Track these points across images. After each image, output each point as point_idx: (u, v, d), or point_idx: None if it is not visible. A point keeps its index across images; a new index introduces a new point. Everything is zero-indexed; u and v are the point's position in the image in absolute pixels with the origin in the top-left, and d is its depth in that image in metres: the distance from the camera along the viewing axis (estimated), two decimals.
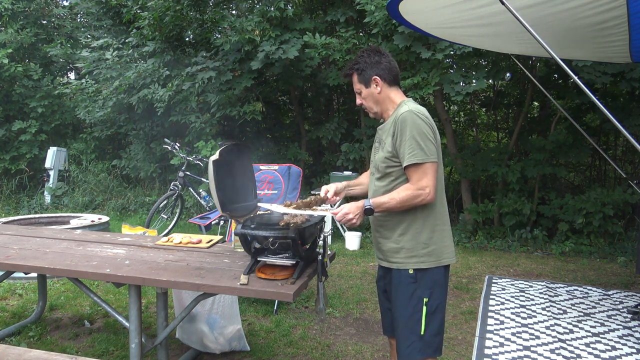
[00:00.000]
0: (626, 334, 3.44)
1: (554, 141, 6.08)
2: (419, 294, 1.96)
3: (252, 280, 2.12)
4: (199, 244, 2.76)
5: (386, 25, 5.62)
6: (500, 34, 3.69)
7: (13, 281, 4.30)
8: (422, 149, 1.89)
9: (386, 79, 2.03)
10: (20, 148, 8.67)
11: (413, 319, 1.96)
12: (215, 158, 2.07)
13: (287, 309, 3.80)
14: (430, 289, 1.97)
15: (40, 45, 9.09)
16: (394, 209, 1.95)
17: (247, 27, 6.20)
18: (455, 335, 3.44)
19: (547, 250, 5.84)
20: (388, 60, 2.05)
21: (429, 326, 1.96)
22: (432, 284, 1.97)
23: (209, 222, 4.66)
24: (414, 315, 1.96)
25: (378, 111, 2.09)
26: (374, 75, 2.03)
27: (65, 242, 2.86)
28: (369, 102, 2.08)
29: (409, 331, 1.96)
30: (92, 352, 3.07)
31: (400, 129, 1.92)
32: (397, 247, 2.01)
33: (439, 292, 2.00)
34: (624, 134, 2.64)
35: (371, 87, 2.04)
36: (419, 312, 1.95)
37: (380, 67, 2.03)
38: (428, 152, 1.90)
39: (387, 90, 2.05)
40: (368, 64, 2.04)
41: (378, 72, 2.03)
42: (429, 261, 1.97)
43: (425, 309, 1.95)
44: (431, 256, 1.97)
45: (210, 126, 6.98)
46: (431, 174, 1.91)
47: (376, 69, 2.03)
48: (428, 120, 1.95)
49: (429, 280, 1.97)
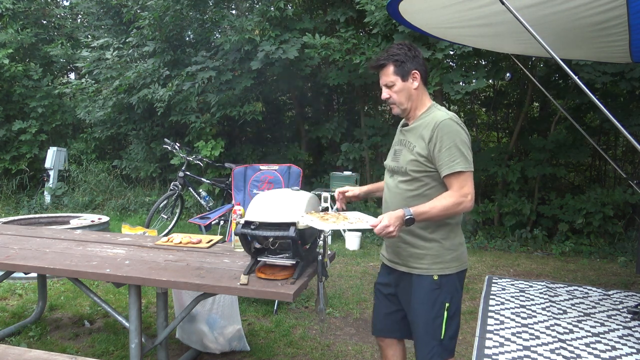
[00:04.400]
0: (626, 334, 3.44)
1: (554, 141, 6.08)
2: (442, 300, 1.94)
3: (252, 280, 2.12)
4: (199, 244, 2.76)
5: (386, 25, 5.62)
6: (500, 34, 3.68)
7: (13, 281, 4.30)
8: (464, 158, 1.88)
9: (423, 76, 2.01)
10: (20, 148, 8.67)
11: (435, 324, 1.94)
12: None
13: (287, 309, 3.80)
14: (452, 294, 1.96)
15: (40, 45, 9.09)
16: (435, 217, 1.89)
17: (247, 27, 6.20)
18: None
19: (547, 250, 5.84)
20: (423, 59, 2.03)
21: (448, 330, 1.96)
22: (453, 289, 1.97)
23: (209, 222, 4.65)
24: (436, 321, 1.94)
25: (408, 107, 2.01)
26: (414, 69, 1.97)
27: (65, 242, 2.86)
28: (402, 96, 1.99)
29: (431, 336, 1.95)
30: (92, 352, 3.07)
31: (441, 136, 1.88)
32: (421, 252, 1.97)
33: (458, 296, 2.00)
34: (624, 134, 2.64)
35: (408, 81, 1.97)
36: (440, 317, 1.94)
37: (420, 62, 1.99)
38: (469, 161, 1.90)
39: (422, 88, 2.01)
40: (408, 57, 1.97)
41: (418, 66, 1.97)
42: (453, 267, 1.96)
43: (447, 314, 1.94)
44: (455, 262, 1.97)
45: (210, 126, 6.98)
46: (471, 182, 1.90)
47: (416, 64, 1.97)
48: (466, 129, 1.95)
49: (451, 285, 1.96)
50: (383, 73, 1.99)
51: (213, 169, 6.94)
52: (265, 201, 2.15)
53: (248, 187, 4.36)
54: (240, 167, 4.44)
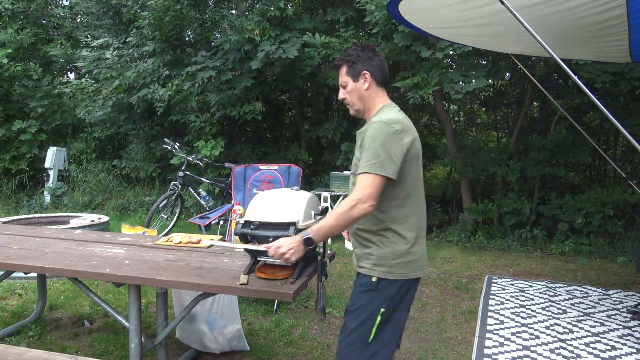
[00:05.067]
0: (626, 334, 3.44)
1: (554, 141, 6.08)
2: (377, 303, 1.88)
3: (252, 280, 2.12)
4: (199, 244, 2.76)
5: (386, 25, 5.62)
6: (500, 34, 3.69)
7: (13, 281, 4.30)
8: (379, 161, 1.79)
9: (376, 77, 1.99)
10: (20, 148, 8.67)
11: (364, 326, 1.88)
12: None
13: (287, 309, 3.80)
14: (391, 302, 1.89)
15: (40, 45, 9.09)
16: (335, 227, 1.82)
17: (247, 27, 6.20)
18: (455, 335, 3.45)
19: (547, 250, 5.84)
20: (380, 60, 2.01)
21: (378, 337, 1.88)
22: (395, 297, 1.89)
23: (209, 222, 4.65)
24: (367, 323, 1.88)
25: (361, 109, 2.02)
26: (365, 69, 1.97)
27: (65, 242, 2.86)
28: (354, 97, 2.00)
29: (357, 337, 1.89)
30: (92, 352, 3.07)
31: (365, 139, 1.86)
32: (367, 253, 1.94)
33: (402, 306, 1.92)
34: (624, 134, 2.64)
35: (359, 82, 1.98)
36: (372, 320, 1.87)
37: (373, 63, 1.98)
38: (384, 166, 1.79)
39: (374, 89, 2.00)
40: (361, 58, 1.99)
41: (369, 68, 1.98)
42: (397, 273, 1.88)
43: (380, 319, 1.87)
44: (401, 269, 1.89)
45: (210, 126, 6.98)
46: (375, 187, 1.78)
47: (368, 65, 1.98)
48: (398, 132, 1.84)
49: (392, 292, 1.89)
50: (339, 74, 2.04)
51: (213, 169, 6.94)
52: (265, 201, 2.15)
53: (248, 187, 4.36)
54: (240, 167, 4.44)
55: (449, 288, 4.47)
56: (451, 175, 8.33)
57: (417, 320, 3.70)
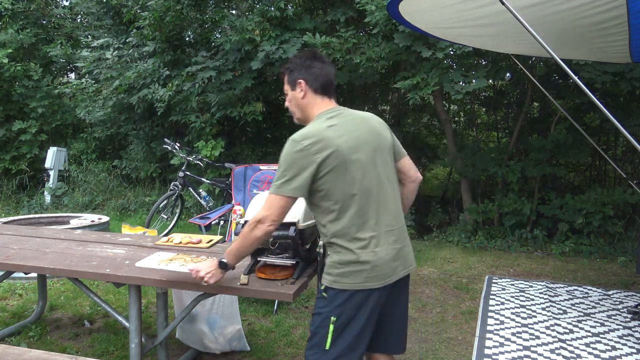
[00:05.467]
0: (626, 334, 3.44)
1: (554, 141, 6.08)
2: (327, 312, 1.84)
3: (252, 280, 2.12)
4: (199, 244, 2.76)
5: (386, 25, 5.62)
6: (500, 34, 3.68)
7: (13, 281, 4.30)
8: (278, 180, 1.80)
9: (312, 85, 1.94)
10: (20, 148, 8.66)
11: (319, 333, 1.86)
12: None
13: (287, 309, 3.80)
14: (342, 311, 1.83)
15: (40, 45, 9.09)
16: (242, 248, 1.88)
17: (247, 27, 6.20)
18: (455, 335, 3.45)
19: (547, 250, 5.84)
20: (321, 67, 1.95)
21: (335, 343, 1.83)
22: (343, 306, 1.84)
23: (209, 222, 4.65)
24: (320, 330, 1.86)
25: (300, 117, 1.99)
26: (300, 78, 1.94)
27: (65, 242, 2.86)
28: (292, 105, 2.00)
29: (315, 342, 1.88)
30: (92, 352, 3.07)
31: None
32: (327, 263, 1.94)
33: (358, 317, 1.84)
34: (624, 134, 2.64)
35: (296, 91, 1.96)
36: (324, 327, 1.84)
37: (310, 71, 1.94)
38: (286, 186, 1.79)
39: (311, 98, 1.95)
40: (298, 66, 1.96)
41: (305, 76, 1.94)
42: (342, 283, 1.84)
43: (332, 327, 1.83)
44: (345, 279, 1.83)
45: (210, 126, 6.98)
46: (275, 207, 1.79)
47: (305, 73, 1.94)
48: (307, 148, 1.79)
49: (340, 301, 1.84)
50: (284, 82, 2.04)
51: (213, 169, 6.93)
52: None
53: (248, 187, 4.36)
54: (240, 167, 4.44)
55: (449, 288, 4.47)
56: (451, 175, 8.33)
57: (417, 320, 3.70)
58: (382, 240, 1.86)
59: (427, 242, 6.21)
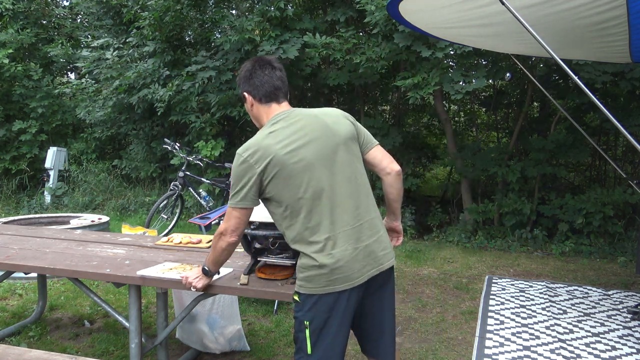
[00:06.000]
0: (626, 334, 3.44)
1: (554, 141, 6.08)
2: (300, 317, 1.82)
3: (252, 280, 2.12)
4: (199, 244, 2.76)
5: (386, 25, 5.62)
6: (500, 34, 3.68)
7: (13, 281, 4.30)
8: (232, 194, 1.83)
9: (256, 95, 1.91)
10: (20, 148, 8.66)
11: (299, 337, 1.84)
12: None
13: (287, 309, 3.80)
14: (314, 315, 1.80)
15: (40, 45, 9.09)
16: (215, 257, 1.97)
17: (247, 27, 6.21)
18: (455, 335, 3.45)
19: (547, 250, 5.84)
20: (262, 76, 1.91)
21: (316, 347, 1.81)
22: (313, 310, 1.80)
23: (209, 222, 4.65)
24: (298, 334, 1.84)
25: (258, 127, 1.97)
26: (243, 91, 1.94)
27: (65, 242, 2.86)
28: (251, 117, 2.00)
29: (298, 345, 1.87)
30: (92, 352, 3.07)
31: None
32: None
33: (332, 320, 1.81)
34: (624, 134, 2.64)
35: (246, 103, 1.96)
36: (301, 332, 1.82)
37: (250, 82, 1.91)
38: (235, 198, 1.82)
39: (259, 107, 1.93)
40: (241, 79, 1.95)
41: (246, 88, 1.93)
42: (306, 287, 1.81)
43: (308, 331, 1.80)
44: (308, 283, 1.80)
45: (210, 126, 6.98)
46: (233, 219, 1.83)
47: (246, 85, 1.93)
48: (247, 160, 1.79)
49: (309, 305, 1.81)
50: None
51: (213, 169, 6.94)
52: None
53: None
54: None
55: (449, 288, 4.47)
56: (451, 175, 8.33)
57: (417, 320, 3.70)
58: (339, 241, 1.79)
59: (427, 242, 6.21)
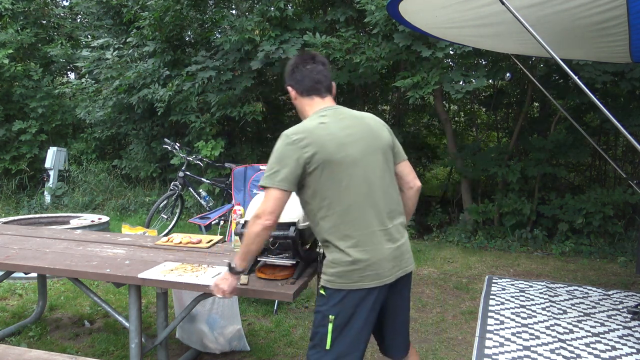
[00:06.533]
0: (626, 334, 3.44)
1: (554, 141, 6.08)
2: (324, 310, 1.84)
3: (252, 280, 2.12)
4: (199, 244, 2.76)
5: (386, 25, 5.62)
6: (500, 34, 3.68)
7: (13, 281, 4.30)
8: (270, 173, 1.81)
9: (298, 88, 2.00)
10: (20, 148, 8.66)
11: (319, 333, 1.85)
12: None
13: (287, 309, 3.80)
14: (340, 310, 1.82)
15: (40, 45, 9.09)
16: (247, 247, 1.87)
17: (247, 27, 6.20)
18: (455, 335, 3.45)
19: (547, 250, 5.84)
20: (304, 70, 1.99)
21: (336, 343, 1.82)
22: (340, 305, 1.83)
23: (209, 222, 4.65)
24: (319, 329, 1.85)
25: (301, 117, 2.04)
26: (287, 85, 2.04)
27: (65, 242, 2.86)
28: (297, 110, 2.08)
29: (316, 342, 1.87)
30: (92, 352, 3.07)
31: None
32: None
33: (357, 315, 1.83)
34: (624, 134, 2.64)
35: (291, 95, 2.05)
36: (323, 327, 1.83)
37: (292, 76, 2.01)
38: (274, 178, 1.79)
39: (301, 100, 2.02)
40: (286, 73, 2.05)
41: (289, 81, 2.03)
42: (337, 283, 1.83)
43: (331, 326, 1.82)
44: (338, 278, 1.83)
45: (210, 126, 6.98)
46: (271, 201, 1.79)
47: (289, 79, 2.03)
48: (295, 142, 1.81)
49: (336, 300, 1.83)
50: None
51: (213, 169, 6.94)
52: None
53: (248, 187, 4.36)
54: (240, 167, 4.44)
55: (449, 288, 4.47)
56: (451, 175, 8.33)
57: (417, 320, 3.70)
58: (375, 238, 1.84)
59: (427, 242, 6.21)
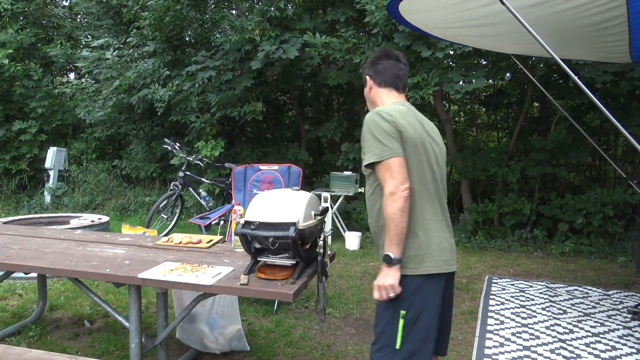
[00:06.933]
0: (626, 334, 3.44)
1: (554, 141, 6.08)
2: (395, 304, 1.80)
3: (252, 280, 2.12)
4: (199, 244, 2.76)
5: (386, 25, 5.62)
6: (500, 34, 3.69)
7: (13, 281, 4.30)
8: (380, 145, 1.80)
9: (376, 79, 2.05)
10: (20, 148, 8.67)
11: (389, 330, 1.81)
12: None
13: (287, 309, 3.80)
14: (410, 301, 1.79)
15: (40, 45, 9.09)
16: (394, 229, 1.76)
17: (247, 27, 6.21)
18: (455, 335, 3.44)
19: (547, 250, 5.84)
20: (387, 62, 2.04)
21: (406, 340, 1.78)
22: (412, 295, 1.80)
23: (209, 222, 4.65)
24: (388, 327, 1.81)
25: (371, 109, 2.05)
26: (365, 74, 2.10)
27: (65, 242, 2.86)
28: (367, 99, 2.13)
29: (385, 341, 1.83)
30: (92, 352, 3.07)
31: (363, 130, 1.88)
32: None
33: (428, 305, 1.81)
34: (624, 134, 2.64)
35: (366, 86, 2.10)
36: (393, 324, 1.80)
37: (374, 67, 2.06)
38: (387, 148, 1.79)
39: (377, 91, 2.06)
40: (368, 63, 2.10)
41: (369, 72, 2.08)
42: (410, 268, 1.81)
43: (402, 322, 1.78)
44: (411, 262, 1.81)
45: (210, 126, 6.99)
46: (396, 168, 1.77)
47: (369, 69, 2.08)
48: (391, 118, 1.83)
49: (408, 290, 1.79)
50: None
51: (213, 169, 6.94)
52: (265, 201, 2.15)
53: (248, 187, 4.36)
54: (240, 167, 4.44)
55: None
56: (451, 175, 8.33)
57: None
58: (443, 227, 1.93)
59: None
